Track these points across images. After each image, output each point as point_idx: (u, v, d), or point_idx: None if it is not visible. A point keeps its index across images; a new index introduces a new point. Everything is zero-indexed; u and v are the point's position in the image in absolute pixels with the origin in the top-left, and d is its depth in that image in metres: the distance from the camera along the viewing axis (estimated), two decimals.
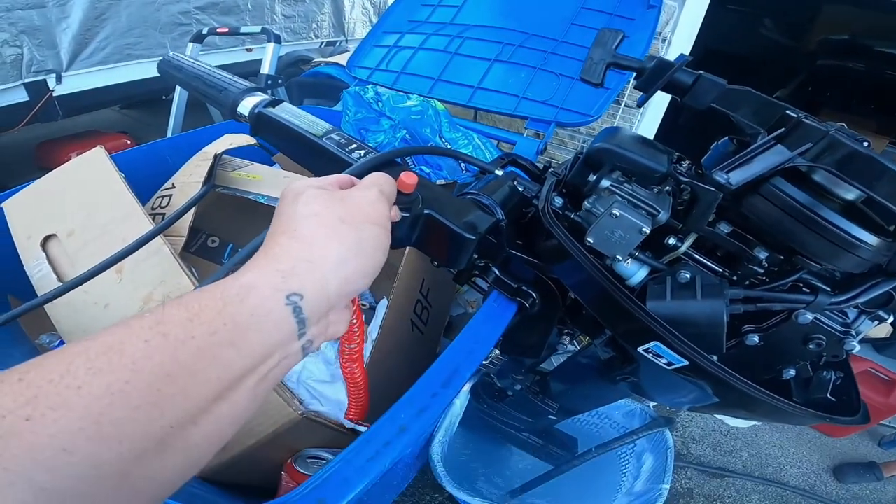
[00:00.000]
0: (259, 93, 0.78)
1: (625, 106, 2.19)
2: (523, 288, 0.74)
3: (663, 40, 2.03)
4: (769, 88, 3.43)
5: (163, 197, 1.13)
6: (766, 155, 0.52)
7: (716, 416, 2.22)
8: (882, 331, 2.70)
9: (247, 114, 0.76)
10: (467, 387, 1.21)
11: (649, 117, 2.21)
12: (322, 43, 4.11)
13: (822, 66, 3.60)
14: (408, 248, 0.91)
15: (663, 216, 0.60)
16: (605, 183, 0.64)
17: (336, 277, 0.34)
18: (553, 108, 1.44)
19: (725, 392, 0.63)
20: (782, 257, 0.57)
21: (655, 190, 0.64)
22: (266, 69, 2.00)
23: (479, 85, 1.56)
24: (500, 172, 0.78)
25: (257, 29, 2.19)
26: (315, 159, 0.74)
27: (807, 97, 3.68)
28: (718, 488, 1.98)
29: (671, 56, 2.02)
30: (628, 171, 0.65)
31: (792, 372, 0.61)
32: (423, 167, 1.21)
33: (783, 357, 0.61)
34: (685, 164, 0.67)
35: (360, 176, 0.47)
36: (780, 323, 0.57)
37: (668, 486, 1.16)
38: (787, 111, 0.53)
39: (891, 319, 0.59)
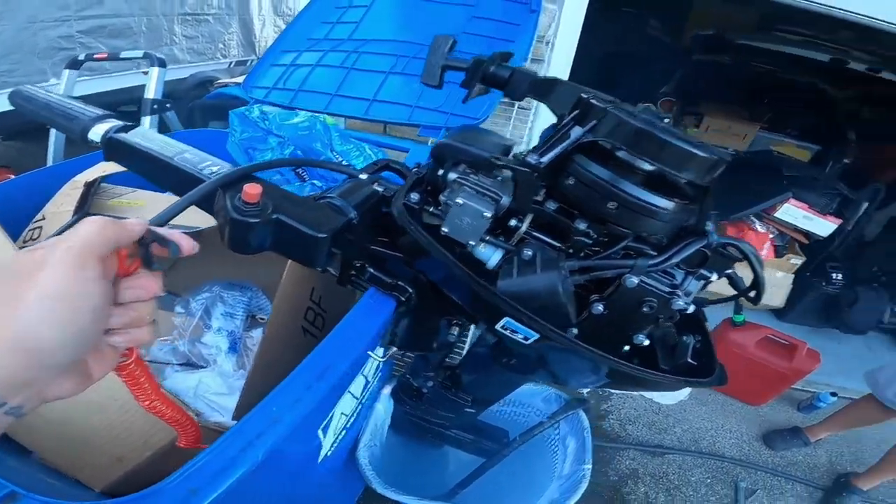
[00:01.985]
0: (111, 119, 0.77)
1: (518, 107, 2.28)
2: (399, 284, 0.77)
3: (546, 42, 2.15)
4: (656, 85, 3.71)
5: (34, 229, 1.09)
6: (565, 135, 0.56)
7: (644, 395, 2.32)
8: (777, 298, 2.98)
9: (98, 140, 0.75)
10: (387, 390, 1.23)
11: (543, 118, 2.31)
12: (231, 63, 4.02)
13: (696, 61, 3.93)
14: (290, 260, 0.90)
15: (505, 200, 0.64)
16: (451, 176, 0.68)
17: (10, 363, 0.33)
18: (444, 115, 1.49)
19: (599, 367, 0.67)
20: (603, 228, 0.61)
21: (500, 178, 0.67)
22: (150, 94, 1.92)
23: (374, 97, 1.58)
24: (364, 177, 0.80)
25: (139, 53, 2.09)
26: (168, 179, 0.75)
27: (687, 91, 4.01)
28: (661, 466, 2.05)
29: (556, 58, 2.14)
30: (471, 163, 0.68)
31: (643, 338, 0.65)
32: (315, 181, 1.21)
33: (629, 324, 0.65)
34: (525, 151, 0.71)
35: (162, 224, 0.46)
36: (615, 290, 0.61)
37: (589, 466, 1.22)
38: (582, 94, 0.58)
39: (714, 277, 0.65)
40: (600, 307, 0.63)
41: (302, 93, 1.68)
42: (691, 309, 0.65)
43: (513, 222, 0.66)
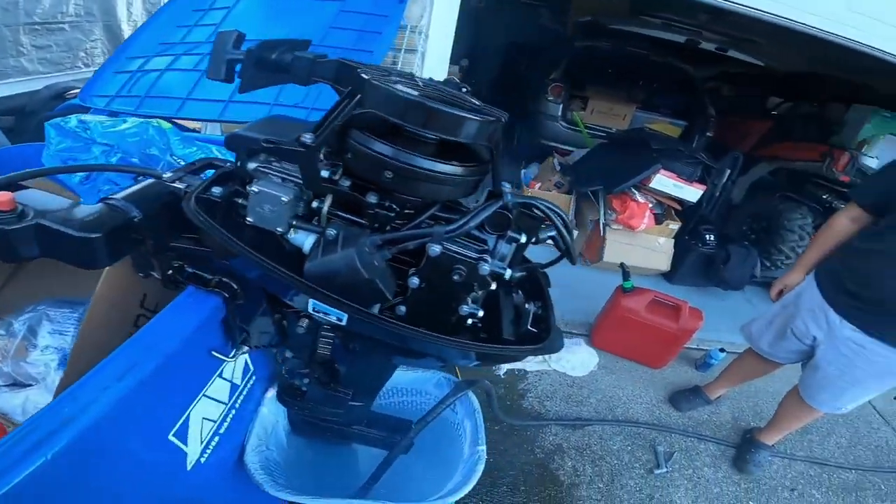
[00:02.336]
0: None
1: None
2: (223, 280, 0.74)
3: (420, 32, 2.15)
4: (547, 71, 3.89)
5: None
6: (338, 111, 0.55)
7: (557, 370, 2.39)
8: (662, 263, 3.24)
9: None
10: (271, 393, 1.20)
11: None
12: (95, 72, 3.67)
13: (580, 48, 4.21)
14: (107, 269, 0.83)
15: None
16: (251, 165, 0.66)
17: None
18: (305, 110, 1.44)
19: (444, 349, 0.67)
20: (394, 199, 0.61)
21: None
22: None
23: (230, 98, 1.49)
24: (167, 175, 0.74)
25: None
26: None
27: (574, 77, 4.27)
28: (583, 438, 2.09)
29: (431, 47, 2.14)
30: (272, 151, 0.65)
31: (468, 309, 0.65)
32: None
33: (447, 294, 0.64)
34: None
35: None
36: (424, 261, 0.60)
37: (483, 448, 1.23)
38: (356, 70, 0.57)
39: (523, 239, 0.67)
40: (416, 280, 0.62)
41: (149, 99, 1.55)
42: (508, 273, 0.65)
43: (315, 204, 0.64)
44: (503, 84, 6.76)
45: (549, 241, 0.72)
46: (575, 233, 3.33)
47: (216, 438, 0.98)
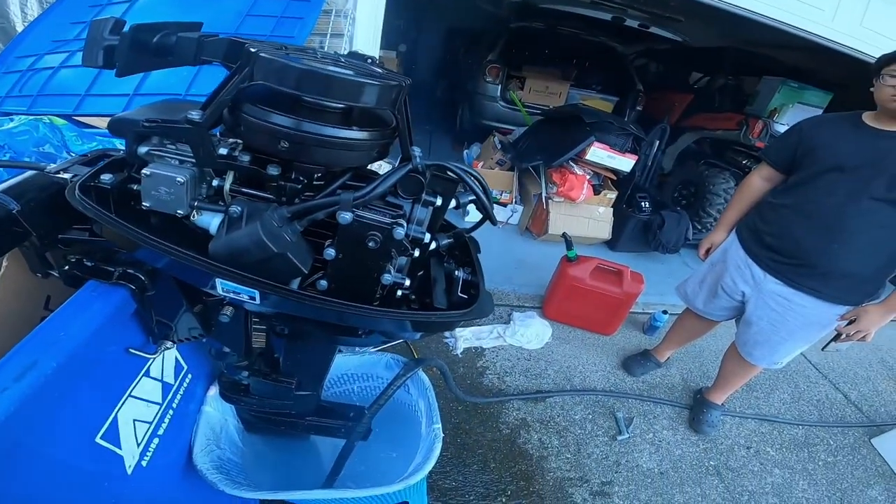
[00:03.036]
0: None
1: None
2: (128, 272, 0.69)
3: (345, 16, 2.10)
4: (485, 53, 3.91)
5: None
6: (227, 85, 0.53)
7: (512, 344, 2.42)
8: (604, 231, 3.37)
9: None
10: (214, 391, 1.15)
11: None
12: None
13: (514, 28, 4.27)
14: (2, 270, 0.76)
15: None
16: (142, 150, 0.62)
17: None
18: None
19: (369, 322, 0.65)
20: (292, 169, 0.59)
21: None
22: None
23: (136, 91, 1.39)
24: (52, 167, 0.68)
25: None
26: None
27: (510, 57, 4.33)
28: (546, 410, 2.11)
29: (359, 31, 2.09)
30: (166, 134, 0.62)
31: (388, 277, 0.63)
32: None
33: (366, 263, 0.62)
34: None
35: None
36: (339, 230, 0.59)
37: (439, 426, 1.21)
38: (245, 45, 0.54)
39: (439, 201, 0.66)
40: (331, 252, 0.60)
41: (43, 97, 1.42)
42: (427, 237, 0.65)
43: (215, 182, 0.60)
44: (442, 68, 6.75)
45: (472, 205, 0.73)
46: (520, 208, 3.40)
47: (155, 440, 0.94)
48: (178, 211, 0.60)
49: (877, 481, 2.10)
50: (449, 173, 0.65)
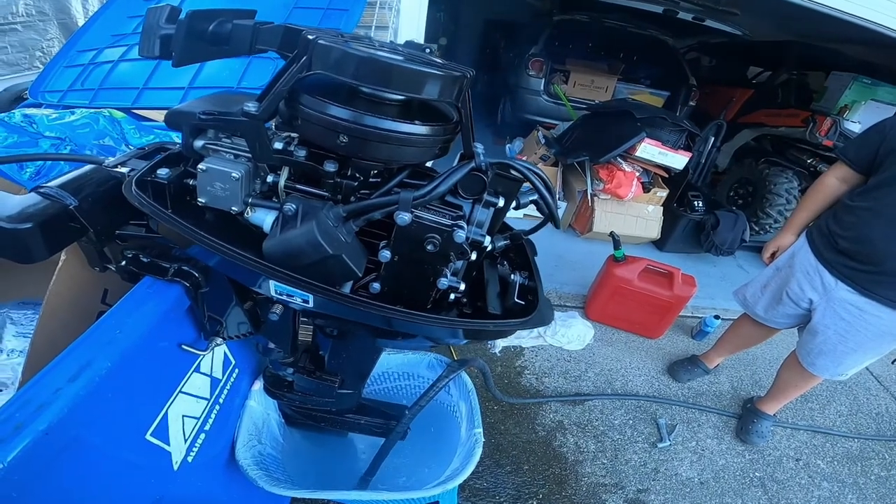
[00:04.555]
0: None
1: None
2: (183, 269, 0.69)
3: (390, 8, 2.08)
4: (527, 46, 3.82)
5: None
6: (284, 76, 0.50)
7: (553, 344, 2.35)
8: (653, 231, 3.22)
9: None
10: (258, 385, 1.15)
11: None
12: None
13: (558, 21, 4.13)
14: (61, 264, 0.76)
15: None
16: (198, 143, 0.61)
17: None
18: None
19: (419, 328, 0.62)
20: (354, 166, 0.56)
21: None
22: None
23: (191, 85, 1.42)
24: (109, 160, 0.68)
25: None
26: None
27: (553, 51, 4.20)
28: (584, 414, 2.05)
29: (403, 24, 2.06)
30: (223, 127, 0.60)
31: (445, 282, 0.60)
32: None
33: (423, 267, 0.59)
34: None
35: None
36: (394, 231, 0.55)
37: (480, 430, 1.18)
38: (302, 33, 0.51)
39: (501, 202, 0.62)
40: (387, 254, 0.57)
41: (104, 91, 1.48)
42: (487, 241, 0.60)
43: (270, 178, 0.58)
44: (482, 61, 6.66)
45: (532, 206, 0.68)
46: (564, 204, 3.30)
47: (202, 436, 0.94)
48: (233, 208, 0.58)
49: None
50: (513, 172, 0.60)
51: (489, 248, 0.69)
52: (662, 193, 3.06)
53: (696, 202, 3.09)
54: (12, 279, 1.13)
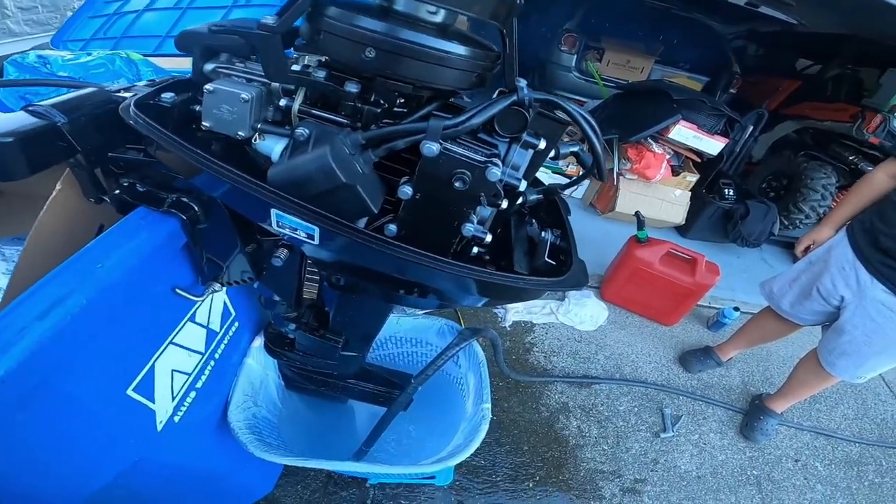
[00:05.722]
0: None
1: None
2: (182, 200, 0.63)
3: None
4: (560, 20, 3.67)
5: None
6: None
7: (564, 322, 2.29)
8: (677, 215, 3.11)
9: None
10: (259, 342, 1.11)
11: None
12: None
13: None
14: (54, 193, 0.72)
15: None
16: (208, 67, 0.56)
17: None
18: None
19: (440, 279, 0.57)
20: (379, 88, 0.51)
21: None
22: None
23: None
24: (112, 87, 0.64)
25: None
26: None
27: (589, 27, 4.04)
28: (590, 397, 2.02)
29: None
30: (236, 51, 0.55)
31: (470, 228, 0.54)
32: None
33: (448, 208, 0.53)
34: None
35: None
36: (420, 164, 0.50)
37: (488, 405, 1.13)
38: None
39: (543, 144, 0.55)
40: (408, 190, 0.51)
41: (126, 39, 1.48)
42: (523, 186, 0.55)
43: (283, 102, 0.53)
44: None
45: (571, 157, 0.61)
46: (587, 182, 3.21)
47: (192, 394, 0.87)
48: (240, 132, 0.53)
49: None
50: (559, 113, 0.53)
51: (520, 202, 0.63)
52: (692, 178, 2.94)
53: (726, 190, 2.98)
54: (6, 215, 1.05)
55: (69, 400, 0.58)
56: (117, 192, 0.63)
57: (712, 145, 2.78)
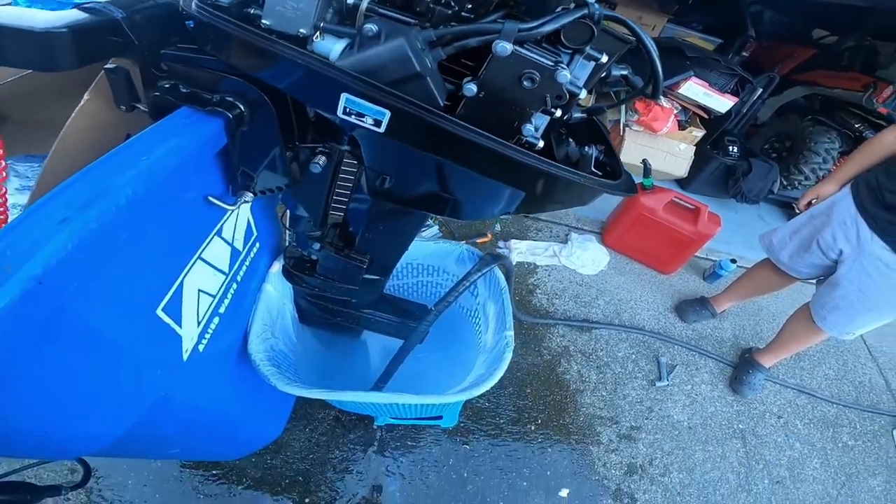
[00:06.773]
0: None
1: None
2: (226, 99, 0.62)
3: None
4: None
5: None
6: None
7: (567, 266, 2.36)
8: (680, 168, 3.13)
9: None
10: (277, 267, 1.09)
11: None
12: None
13: None
14: (83, 102, 0.70)
15: None
16: None
17: None
18: None
19: (505, 170, 0.57)
20: None
21: None
22: None
23: None
24: None
25: None
26: None
27: None
28: (590, 342, 2.08)
29: None
30: None
31: (531, 128, 0.56)
32: None
33: (512, 107, 0.55)
34: None
35: None
36: (488, 62, 0.51)
37: (511, 333, 1.12)
38: None
39: (605, 59, 0.56)
40: (473, 87, 0.53)
41: None
42: (583, 95, 0.56)
43: (350, 0, 0.53)
44: None
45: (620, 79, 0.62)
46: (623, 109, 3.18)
47: (216, 320, 0.82)
48: (301, 30, 0.53)
49: (882, 472, 2.04)
50: (625, 32, 0.54)
51: (566, 118, 0.65)
52: (698, 133, 2.95)
53: (731, 147, 3.02)
54: (19, 133, 0.99)
55: (101, 317, 0.52)
56: (157, 93, 0.62)
57: (722, 103, 2.78)
